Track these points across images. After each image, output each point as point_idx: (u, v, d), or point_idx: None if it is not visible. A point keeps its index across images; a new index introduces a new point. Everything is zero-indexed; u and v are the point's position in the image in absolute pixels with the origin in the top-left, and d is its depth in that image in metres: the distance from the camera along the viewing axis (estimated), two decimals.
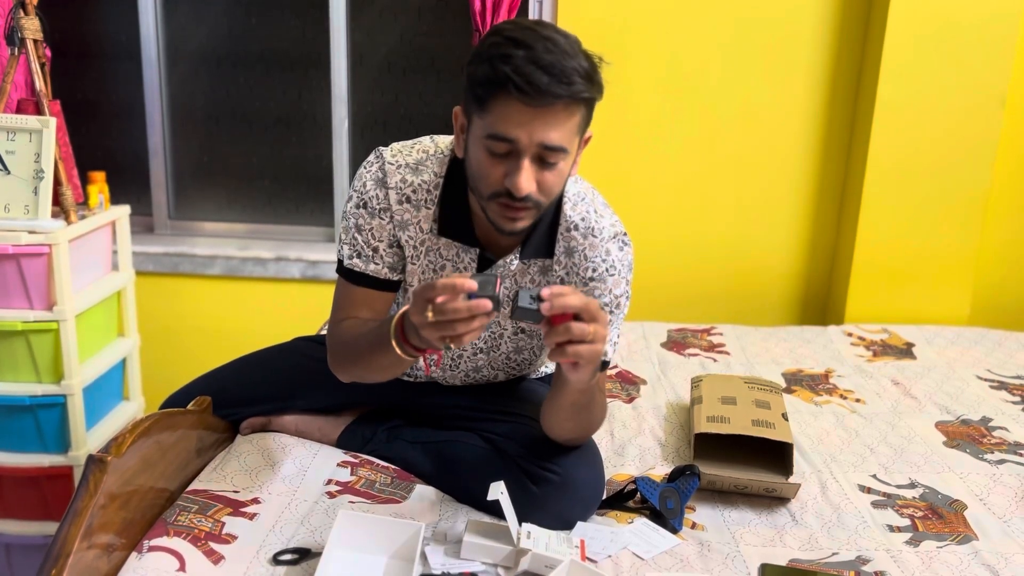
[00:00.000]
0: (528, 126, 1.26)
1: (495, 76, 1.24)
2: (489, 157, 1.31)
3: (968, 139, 2.70)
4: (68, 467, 2.26)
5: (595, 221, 1.50)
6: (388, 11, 2.95)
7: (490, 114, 1.28)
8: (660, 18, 2.76)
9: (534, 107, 1.25)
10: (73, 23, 2.98)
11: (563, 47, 1.25)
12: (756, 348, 2.50)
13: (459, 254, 1.51)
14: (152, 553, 1.31)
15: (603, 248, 1.49)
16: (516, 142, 1.28)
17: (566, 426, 1.50)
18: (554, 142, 1.28)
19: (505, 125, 1.27)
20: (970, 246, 2.80)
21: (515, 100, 1.24)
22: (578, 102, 1.28)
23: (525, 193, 1.30)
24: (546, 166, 1.31)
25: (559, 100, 1.25)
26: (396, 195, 1.47)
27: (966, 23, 2.61)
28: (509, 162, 1.30)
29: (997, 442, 1.93)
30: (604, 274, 1.50)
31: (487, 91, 1.27)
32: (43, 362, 2.22)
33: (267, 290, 2.98)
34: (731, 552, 1.46)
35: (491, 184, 1.33)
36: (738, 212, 2.91)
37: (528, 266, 1.52)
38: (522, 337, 1.62)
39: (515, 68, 1.23)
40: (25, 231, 2.13)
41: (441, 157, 1.49)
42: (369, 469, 1.64)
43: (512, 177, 1.29)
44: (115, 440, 1.34)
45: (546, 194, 1.34)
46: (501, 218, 1.36)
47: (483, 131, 1.30)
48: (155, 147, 3.04)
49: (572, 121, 1.29)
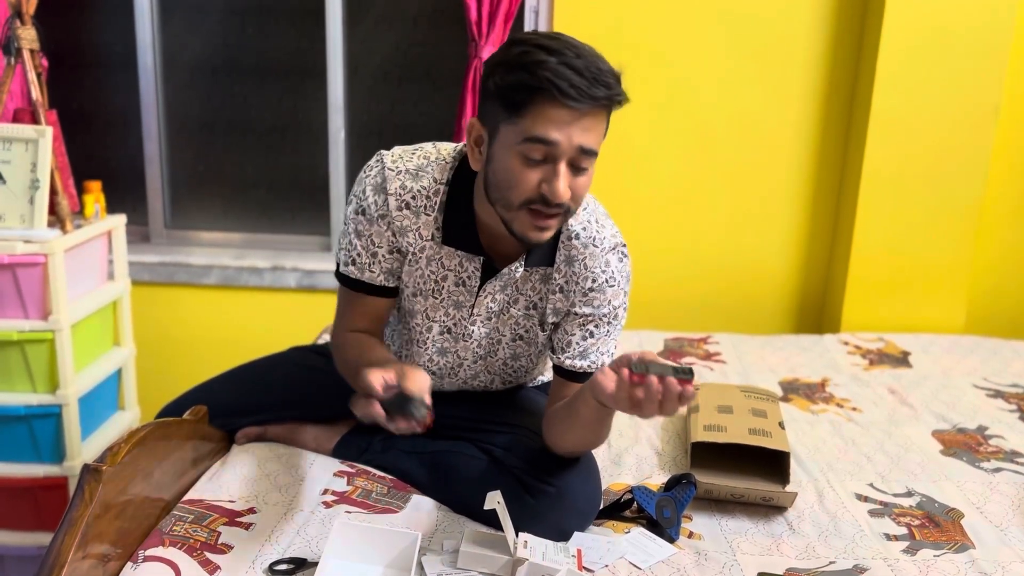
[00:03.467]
0: (568, 129, 1.27)
1: (533, 81, 1.25)
2: (523, 164, 1.31)
3: (962, 148, 2.71)
4: (63, 477, 2.26)
5: (596, 231, 1.50)
6: (384, 20, 2.96)
7: (527, 119, 1.28)
8: (655, 28, 2.77)
9: (575, 110, 1.26)
10: (69, 32, 2.98)
11: (590, 53, 1.28)
12: (752, 357, 2.50)
13: (463, 263, 1.51)
14: (147, 563, 1.31)
15: (603, 259, 1.49)
16: (556, 145, 1.28)
17: (573, 441, 1.51)
18: (591, 145, 1.30)
19: (545, 128, 1.27)
20: (965, 255, 2.81)
21: (556, 103, 1.25)
22: (612, 105, 1.30)
23: (564, 199, 1.31)
24: (578, 171, 1.32)
25: (598, 102, 1.27)
26: (395, 201, 1.47)
27: (960, 33, 2.62)
28: (545, 168, 1.31)
29: (993, 450, 1.93)
30: (604, 285, 1.50)
31: (524, 96, 1.27)
32: (38, 372, 2.21)
33: (263, 300, 2.98)
34: (728, 561, 1.46)
35: (524, 192, 1.32)
36: (734, 221, 2.92)
37: (531, 274, 1.52)
38: (520, 344, 1.62)
39: (554, 72, 1.24)
40: (21, 240, 2.12)
41: (442, 163, 1.48)
42: (365, 479, 1.63)
43: (551, 183, 1.30)
44: (110, 450, 1.34)
45: (576, 201, 1.35)
46: (530, 228, 1.35)
47: (518, 137, 1.29)
48: (151, 156, 3.04)
49: (602, 124, 1.32)
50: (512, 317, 1.57)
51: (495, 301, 1.54)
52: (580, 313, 1.52)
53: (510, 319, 1.57)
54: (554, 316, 1.56)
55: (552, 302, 1.54)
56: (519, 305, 1.56)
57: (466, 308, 1.55)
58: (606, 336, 1.54)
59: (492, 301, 1.54)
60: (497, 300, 1.55)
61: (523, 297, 1.55)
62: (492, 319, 1.57)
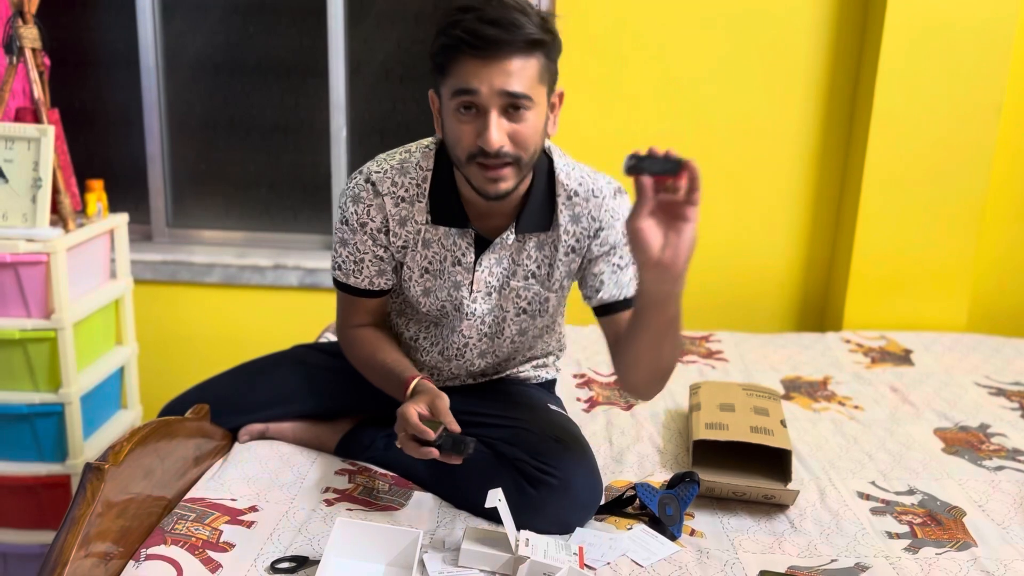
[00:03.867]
0: (486, 77, 1.33)
1: (449, 40, 1.34)
2: (459, 119, 1.38)
3: (965, 146, 2.71)
4: (65, 476, 2.26)
5: (592, 183, 1.56)
6: (385, 19, 2.96)
7: (452, 76, 1.36)
8: (657, 24, 2.76)
9: (487, 58, 1.32)
10: (71, 31, 2.98)
11: (511, 4, 1.34)
12: (754, 355, 2.49)
13: (456, 241, 1.55)
14: (149, 562, 1.31)
15: (604, 203, 1.55)
16: (478, 93, 1.34)
17: (650, 360, 1.43)
18: (515, 88, 1.34)
19: (466, 79, 1.34)
20: (967, 252, 2.80)
21: (470, 55, 1.32)
22: (531, 49, 1.34)
23: (497, 146, 1.35)
24: (514, 117, 1.36)
25: (510, 47, 1.32)
26: (391, 199, 1.54)
27: (962, 30, 2.62)
28: (478, 120, 1.36)
29: (996, 448, 1.93)
30: (610, 221, 1.55)
31: (444, 56, 1.36)
32: (40, 370, 2.21)
33: (265, 298, 2.98)
34: (730, 559, 1.46)
35: (466, 146, 1.38)
36: (736, 219, 2.91)
37: (524, 242, 1.56)
38: (525, 318, 1.64)
39: (464, 28, 1.31)
40: (23, 239, 2.13)
41: (425, 151, 1.55)
42: (367, 476, 1.64)
43: (483, 133, 1.35)
44: (112, 448, 1.34)
45: (521, 147, 1.38)
46: (483, 181, 1.40)
47: (449, 94, 1.37)
48: (153, 155, 3.04)
49: (530, 68, 1.35)
50: (513, 290, 1.60)
51: (493, 275, 1.57)
52: (600, 253, 1.56)
53: (511, 293, 1.60)
54: (569, 277, 1.60)
55: (563, 265, 1.57)
56: (518, 276, 1.58)
57: (466, 287, 1.58)
58: (631, 263, 1.56)
59: (490, 275, 1.57)
60: (495, 274, 1.57)
61: (520, 268, 1.58)
62: (493, 294, 1.59)
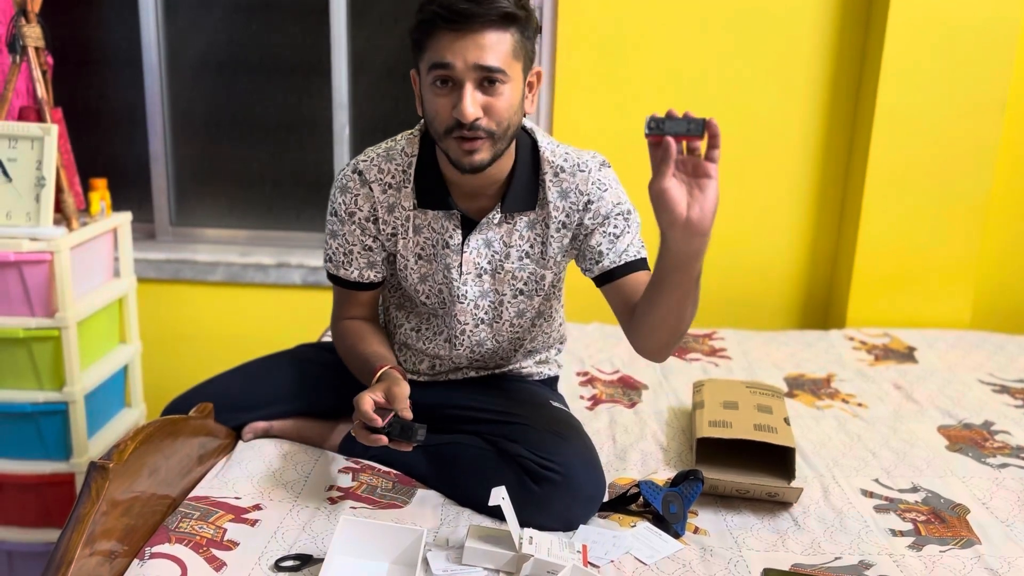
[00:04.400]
0: (461, 50, 1.36)
1: (424, 16, 1.38)
2: (436, 94, 1.41)
3: (969, 143, 2.70)
4: (70, 474, 2.26)
5: (577, 157, 1.57)
6: (388, 17, 2.96)
7: (427, 51, 1.40)
8: (660, 22, 2.76)
9: (461, 31, 1.35)
10: (74, 30, 2.99)
11: None
12: (758, 353, 2.49)
13: (443, 224, 1.57)
14: (154, 560, 1.31)
15: (591, 176, 1.56)
16: (452, 66, 1.37)
17: (673, 322, 1.41)
18: (489, 62, 1.36)
19: (440, 53, 1.37)
20: (971, 249, 2.80)
21: (444, 29, 1.36)
22: (504, 23, 1.37)
23: (472, 118, 1.38)
24: (489, 91, 1.39)
25: (484, 20, 1.35)
26: (379, 187, 1.57)
27: (966, 28, 2.61)
28: (454, 94, 1.39)
29: (999, 446, 1.93)
30: (598, 191, 1.56)
31: (421, 32, 1.40)
32: (45, 369, 2.22)
33: (268, 296, 2.98)
34: (734, 557, 1.46)
35: (443, 119, 1.41)
36: (739, 216, 2.91)
37: (513, 222, 1.57)
38: (522, 300, 1.64)
39: (440, 3, 1.35)
40: (27, 238, 2.13)
41: (410, 138, 1.59)
42: (370, 474, 1.64)
43: (458, 105, 1.38)
44: (117, 447, 1.34)
45: (497, 121, 1.41)
46: (460, 153, 1.43)
47: (426, 69, 1.41)
48: (156, 153, 3.04)
49: (504, 43, 1.38)
50: (508, 272, 1.60)
51: (482, 256, 1.58)
52: (594, 223, 1.56)
53: (506, 275, 1.60)
54: (563, 254, 1.60)
55: (556, 240, 1.58)
56: (512, 258, 1.59)
57: (455, 269, 1.59)
58: (626, 231, 1.57)
59: (479, 256, 1.58)
60: (484, 255, 1.58)
61: (513, 249, 1.58)
62: (484, 276, 1.60)
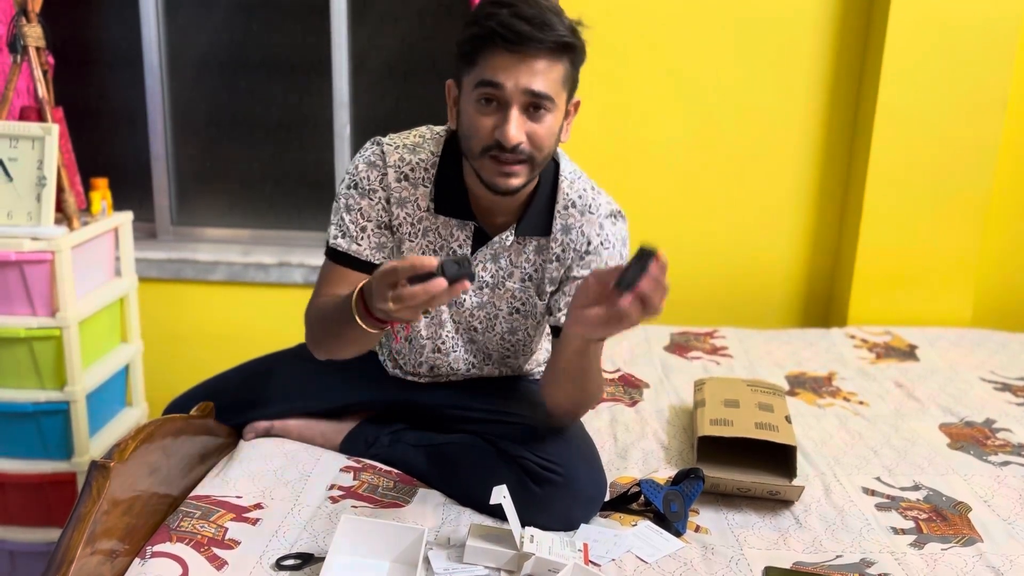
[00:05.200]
0: (514, 72, 1.33)
1: (481, 32, 1.34)
2: (479, 111, 1.37)
3: (970, 141, 2.70)
4: (71, 473, 2.26)
5: (592, 199, 1.54)
6: (389, 16, 2.96)
7: (478, 66, 1.36)
8: (661, 21, 2.76)
9: (518, 54, 1.32)
10: (75, 30, 2.99)
11: (545, 5, 1.34)
12: (759, 351, 2.49)
13: (454, 232, 1.55)
14: (155, 559, 1.32)
15: (598, 223, 1.53)
16: (502, 87, 1.34)
17: (562, 393, 1.52)
18: (540, 88, 1.34)
19: (493, 71, 1.34)
20: (972, 248, 2.80)
21: (500, 49, 1.33)
22: (560, 52, 1.35)
23: (515, 142, 1.35)
24: (534, 117, 1.37)
25: (541, 46, 1.32)
26: (395, 173, 1.52)
27: (967, 26, 2.61)
28: (499, 114, 1.36)
29: (1001, 444, 1.93)
30: (599, 247, 1.53)
31: (474, 46, 1.36)
32: (46, 368, 2.22)
33: (269, 296, 2.98)
34: (735, 555, 1.46)
35: (482, 138, 1.38)
36: (740, 215, 2.91)
37: (524, 244, 1.55)
38: (517, 318, 1.63)
39: (499, 22, 1.32)
40: (28, 238, 2.13)
41: (437, 138, 1.55)
42: (372, 474, 1.64)
43: (502, 127, 1.35)
44: (118, 446, 1.34)
45: (536, 147, 1.39)
46: (495, 175, 1.40)
47: (473, 84, 1.37)
48: (157, 153, 3.04)
49: (556, 71, 1.36)
50: (508, 291, 1.59)
51: (487, 271, 1.57)
52: (578, 276, 1.54)
53: (506, 293, 1.59)
54: (551, 285, 1.58)
55: (549, 271, 1.57)
56: (515, 278, 1.58)
57: None
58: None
59: (483, 271, 1.57)
60: (489, 270, 1.57)
61: (518, 270, 1.57)
62: (484, 289, 1.59)
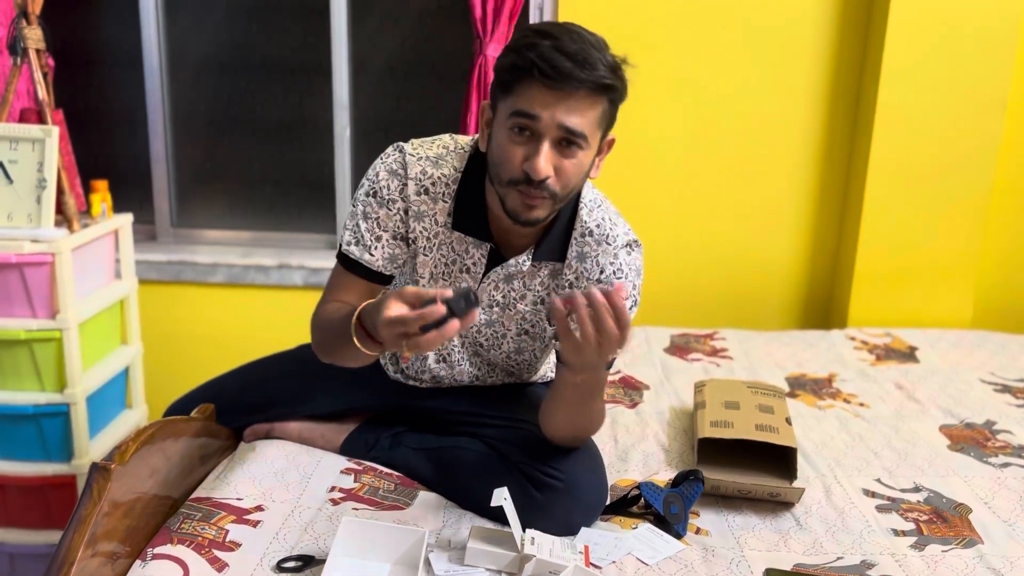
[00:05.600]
0: (552, 107, 1.31)
1: (521, 62, 1.31)
2: (511, 140, 1.35)
3: (970, 142, 2.70)
4: (72, 475, 2.26)
5: (610, 228, 1.52)
6: (389, 17, 2.96)
7: (515, 95, 1.33)
8: (661, 25, 2.76)
9: (556, 90, 1.30)
10: (75, 31, 2.99)
11: (589, 40, 1.32)
12: (759, 352, 2.49)
13: (470, 250, 1.53)
14: (156, 561, 1.32)
15: (613, 253, 1.51)
16: (538, 120, 1.31)
17: (562, 424, 1.51)
18: (575, 126, 1.32)
19: (529, 103, 1.32)
20: (972, 249, 2.80)
21: (540, 82, 1.30)
22: (600, 92, 1.32)
23: (543, 176, 1.33)
24: (566, 153, 1.35)
25: (582, 85, 1.30)
26: (415, 186, 1.49)
27: (966, 27, 2.61)
28: (530, 145, 1.34)
29: (1001, 445, 1.93)
30: (611, 277, 1.51)
31: (513, 76, 1.33)
32: (46, 371, 2.22)
33: (269, 298, 2.98)
34: (735, 557, 1.46)
35: (511, 169, 1.36)
36: (740, 216, 2.91)
37: (539, 268, 1.53)
38: (525, 339, 1.62)
39: (540, 54, 1.29)
40: (28, 240, 2.13)
41: (461, 153, 1.52)
42: (372, 476, 1.64)
43: (532, 160, 1.33)
44: (119, 448, 1.35)
45: (564, 184, 1.37)
46: (519, 206, 1.38)
47: (507, 112, 1.35)
48: (157, 155, 3.04)
49: (594, 111, 1.33)
50: (519, 312, 1.57)
51: (499, 290, 1.55)
52: None
53: (516, 314, 1.58)
54: None
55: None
56: (526, 301, 1.56)
57: None
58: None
59: (496, 290, 1.55)
60: (501, 290, 1.55)
61: (531, 293, 1.55)
62: (495, 308, 1.57)
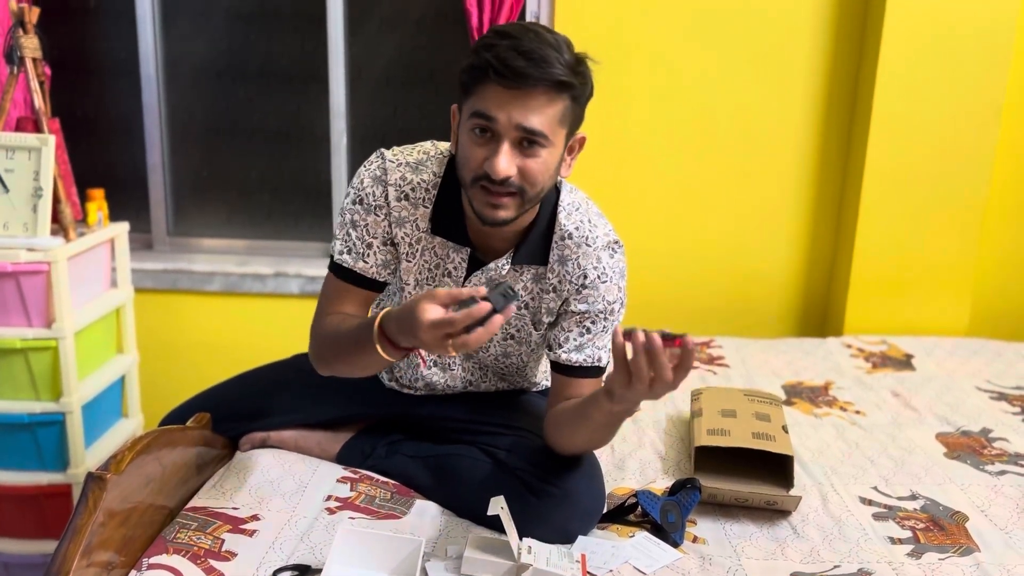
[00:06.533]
0: (507, 108, 1.32)
1: (478, 62, 1.33)
2: (473, 141, 1.37)
3: (965, 148, 2.71)
4: (67, 485, 2.26)
5: (589, 230, 1.52)
6: (386, 25, 2.96)
7: (474, 96, 1.35)
8: (657, 27, 2.77)
9: (512, 89, 1.31)
10: (72, 40, 2.99)
11: (547, 40, 1.32)
12: (755, 360, 2.49)
13: (450, 254, 1.54)
14: (151, 571, 1.31)
15: (595, 256, 1.52)
16: (495, 120, 1.33)
17: (581, 441, 1.51)
18: (533, 125, 1.33)
19: (486, 104, 1.34)
20: (968, 256, 2.80)
21: (495, 83, 1.31)
22: (558, 90, 1.33)
23: (503, 176, 1.34)
24: (528, 153, 1.36)
25: (538, 84, 1.31)
26: (395, 192, 1.51)
27: (962, 32, 2.62)
28: (490, 146, 1.36)
29: (998, 453, 1.93)
30: (596, 281, 1.52)
31: (471, 77, 1.35)
32: (42, 379, 2.21)
33: (266, 306, 2.98)
34: (732, 565, 1.46)
35: (472, 168, 1.37)
36: (736, 223, 2.91)
37: (520, 272, 1.54)
38: (511, 343, 1.63)
39: (496, 55, 1.30)
40: (24, 249, 2.13)
41: (440, 158, 1.53)
42: (369, 484, 1.63)
43: (491, 159, 1.34)
44: (114, 457, 1.34)
45: (528, 182, 1.37)
46: (483, 205, 1.39)
47: (468, 113, 1.37)
48: (154, 163, 3.04)
49: (553, 109, 1.34)
50: None
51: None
52: (576, 311, 1.53)
53: None
54: (548, 316, 1.57)
55: (545, 302, 1.56)
56: None
57: None
58: (603, 332, 1.55)
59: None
60: None
61: None
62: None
